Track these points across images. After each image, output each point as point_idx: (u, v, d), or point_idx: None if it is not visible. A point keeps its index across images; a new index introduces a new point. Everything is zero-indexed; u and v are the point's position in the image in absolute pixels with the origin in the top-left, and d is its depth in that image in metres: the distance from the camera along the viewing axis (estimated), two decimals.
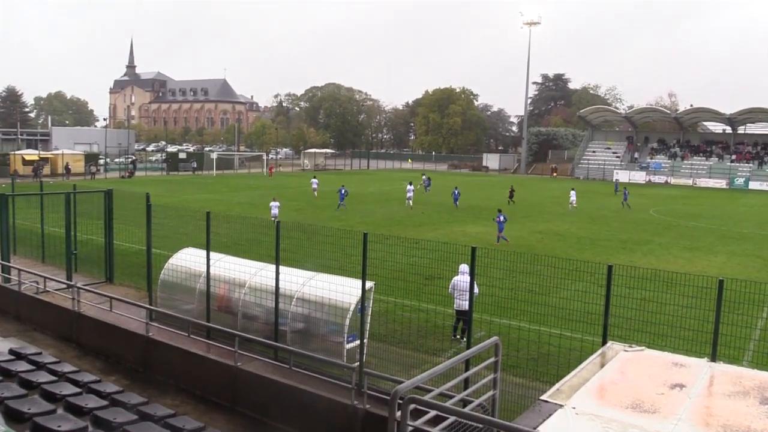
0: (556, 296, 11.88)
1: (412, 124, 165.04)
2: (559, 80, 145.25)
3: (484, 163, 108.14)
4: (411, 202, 42.20)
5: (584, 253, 25.18)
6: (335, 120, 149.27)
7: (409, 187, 43.67)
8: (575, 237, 30.64)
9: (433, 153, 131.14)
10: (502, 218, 28.25)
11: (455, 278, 13.85)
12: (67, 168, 63.94)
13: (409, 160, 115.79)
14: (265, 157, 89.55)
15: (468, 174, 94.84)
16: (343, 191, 40.94)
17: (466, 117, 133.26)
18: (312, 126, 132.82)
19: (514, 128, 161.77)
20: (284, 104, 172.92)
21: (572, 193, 45.46)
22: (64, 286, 16.42)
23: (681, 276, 10.74)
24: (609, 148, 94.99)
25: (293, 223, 15.78)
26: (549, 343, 11.49)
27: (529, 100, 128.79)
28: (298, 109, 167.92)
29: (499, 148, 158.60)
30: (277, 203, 33.54)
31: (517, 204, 46.27)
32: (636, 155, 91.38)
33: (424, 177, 58.59)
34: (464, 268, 13.63)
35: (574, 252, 25.39)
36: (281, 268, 12.88)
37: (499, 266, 12.09)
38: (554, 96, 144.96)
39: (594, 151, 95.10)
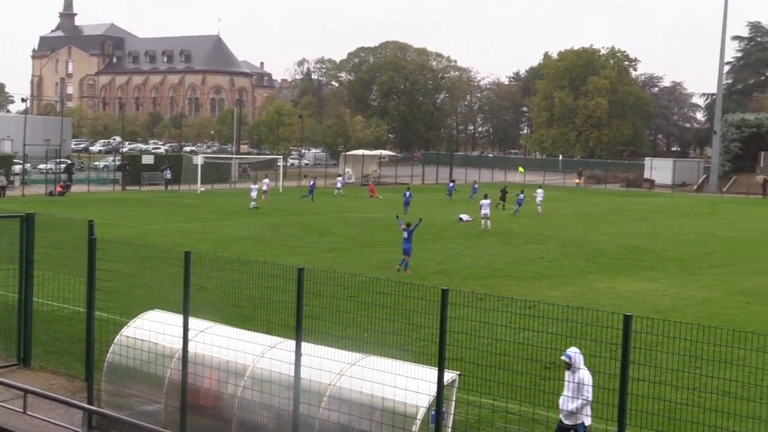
0: None
1: (524, 110, 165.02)
2: None
3: (646, 174, 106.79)
4: (489, 222, 50.09)
5: None
6: (398, 102, 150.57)
7: (483, 202, 51.18)
8: None
9: (560, 157, 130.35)
10: (406, 234, 32.46)
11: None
12: None
13: (520, 169, 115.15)
14: (281, 163, 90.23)
15: (620, 192, 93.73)
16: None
17: (616, 97, 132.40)
18: (359, 111, 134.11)
19: (699, 115, 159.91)
20: (314, 77, 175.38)
21: (539, 191, 61.26)
22: None
23: None
24: None
25: (325, 271, 15.84)
26: None
27: (727, 68, 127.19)
28: (336, 84, 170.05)
29: (674, 149, 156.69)
30: (256, 186, 57.22)
31: (705, 245, 45.37)
32: None
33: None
34: (575, 356, 12.44)
35: None
36: (305, 345, 12.97)
37: (670, 348, 11.83)
38: None
39: None
